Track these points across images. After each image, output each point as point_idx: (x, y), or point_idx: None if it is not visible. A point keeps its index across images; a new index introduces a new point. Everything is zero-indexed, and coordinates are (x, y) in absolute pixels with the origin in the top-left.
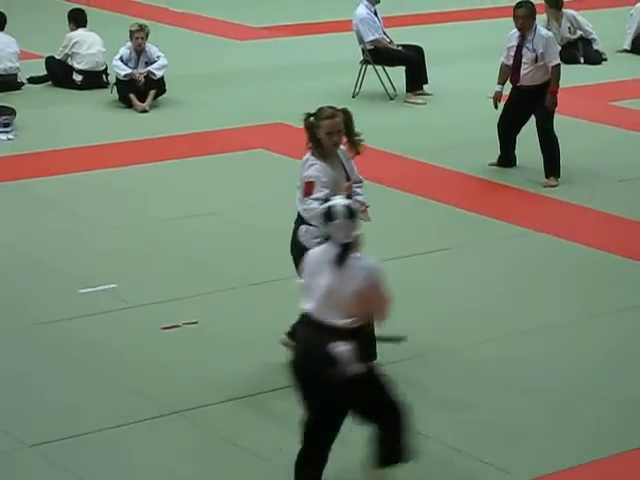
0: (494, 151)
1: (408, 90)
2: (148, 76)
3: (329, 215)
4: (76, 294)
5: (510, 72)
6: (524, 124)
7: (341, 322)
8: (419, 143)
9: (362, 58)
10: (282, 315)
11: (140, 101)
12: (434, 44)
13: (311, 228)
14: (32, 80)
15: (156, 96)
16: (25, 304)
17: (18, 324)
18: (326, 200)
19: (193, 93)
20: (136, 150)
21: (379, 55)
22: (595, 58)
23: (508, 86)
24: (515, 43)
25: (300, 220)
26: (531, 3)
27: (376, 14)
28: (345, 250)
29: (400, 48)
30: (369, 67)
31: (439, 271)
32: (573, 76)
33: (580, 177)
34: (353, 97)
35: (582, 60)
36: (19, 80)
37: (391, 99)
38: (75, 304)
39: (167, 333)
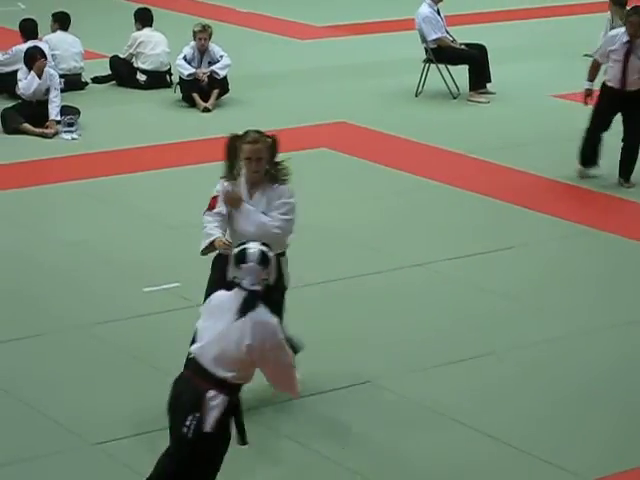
0: (559, 149)
1: (471, 89)
2: (211, 75)
3: (241, 257)
4: (141, 292)
5: (597, 71)
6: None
7: (221, 373)
8: (482, 142)
9: (425, 57)
10: (341, 314)
11: (203, 100)
12: (497, 42)
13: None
14: (96, 80)
15: (219, 95)
16: (91, 302)
17: (83, 322)
18: (242, 243)
19: (256, 92)
20: (199, 149)
21: (442, 54)
22: None
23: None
24: (620, 48)
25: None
26: None
27: (439, 13)
28: (251, 298)
29: (463, 47)
30: (432, 66)
31: (500, 270)
32: None
33: None
34: (416, 96)
35: None
36: (83, 80)
37: (454, 98)
38: (140, 302)
39: None
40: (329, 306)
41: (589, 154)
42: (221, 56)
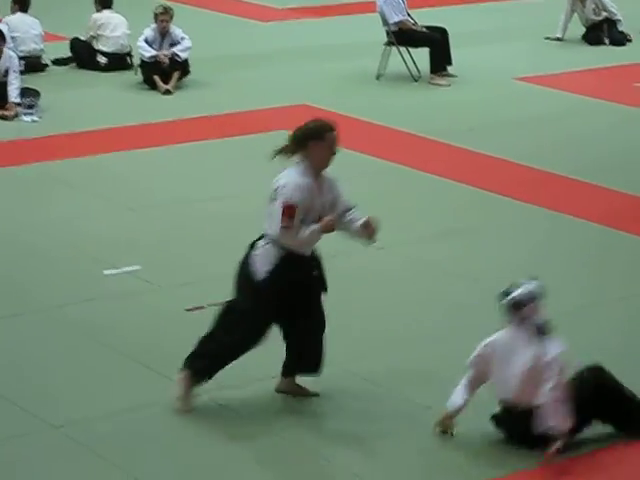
0: (518, 132)
1: (432, 72)
2: (172, 58)
3: (518, 304)
4: (101, 275)
5: None
6: None
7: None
8: (443, 124)
9: (386, 40)
10: None
11: (164, 83)
12: (458, 25)
13: (268, 246)
14: (57, 62)
15: (180, 78)
16: (50, 285)
17: (42, 306)
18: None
19: (217, 75)
20: (159, 132)
21: (403, 36)
22: (620, 39)
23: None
24: None
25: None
26: None
27: None
28: (541, 330)
29: (424, 29)
30: (393, 49)
31: (458, 252)
32: (598, 57)
33: (607, 159)
34: (377, 79)
35: (607, 41)
36: (43, 62)
37: (415, 81)
38: (99, 285)
39: (192, 314)
40: None
41: None
42: (182, 38)
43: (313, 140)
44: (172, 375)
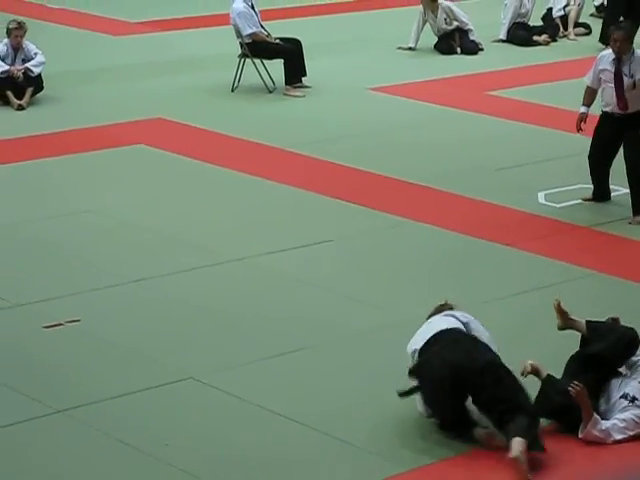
0: (373, 142)
1: (287, 83)
2: (25, 73)
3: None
4: None
5: (595, 97)
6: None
7: None
8: (298, 136)
9: (240, 52)
10: (162, 311)
11: (17, 98)
12: (312, 36)
13: None
14: None
15: (34, 93)
16: None
17: None
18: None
19: (71, 90)
20: (12, 148)
21: (257, 48)
22: (472, 48)
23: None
24: (609, 67)
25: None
26: (630, 24)
27: (253, 7)
28: None
29: (278, 41)
30: (247, 61)
31: (321, 263)
32: (450, 67)
33: (458, 166)
34: (232, 91)
35: (459, 50)
36: None
37: (270, 92)
38: None
39: (49, 332)
40: (148, 304)
41: (596, 187)
42: (35, 53)
43: None
44: (29, 391)
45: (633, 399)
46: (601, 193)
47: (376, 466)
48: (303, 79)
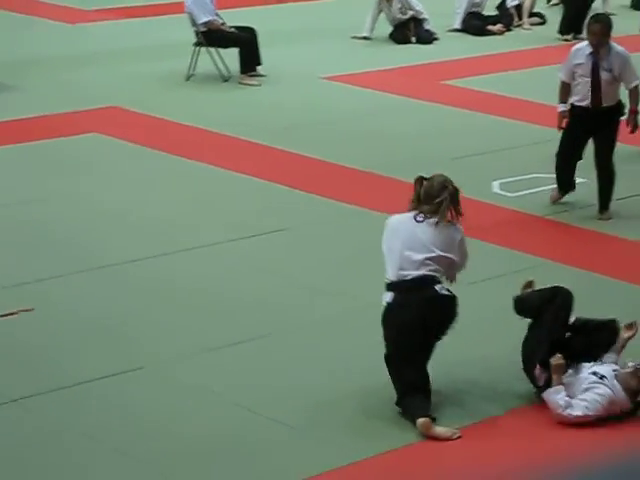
0: (327, 131)
1: (242, 72)
2: None
3: None
4: None
5: (569, 91)
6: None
7: None
8: (253, 125)
9: (195, 40)
10: (114, 299)
11: None
12: (267, 25)
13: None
14: None
15: None
16: None
17: None
18: None
19: (26, 78)
20: None
21: (212, 37)
22: (427, 37)
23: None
24: (584, 61)
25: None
26: (608, 17)
27: None
28: None
29: (233, 30)
30: (202, 49)
31: (277, 251)
32: (405, 56)
33: (413, 155)
34: (187, 80)
35: (414, 40)
36: None
37: (225, 81)
38: None
39: (3, 320)
40: (103, 292)
41: (563, 181)
42: None
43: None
44: None
45: (602, 377)
46: (566, 187)
47: (334, 454)
48: (258, 68)
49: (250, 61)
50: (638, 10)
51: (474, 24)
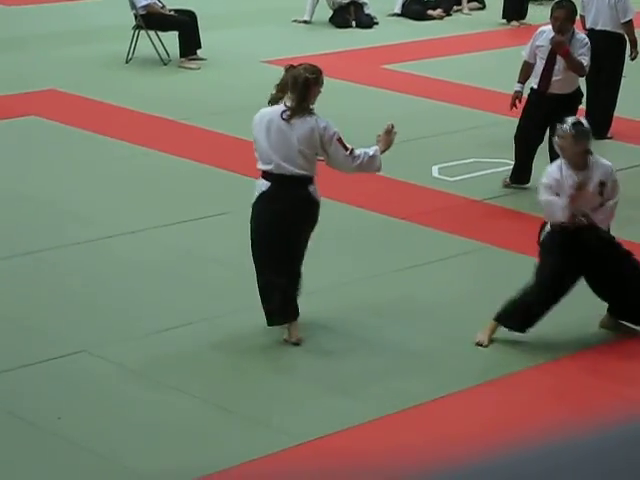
0: None
1: (182, 55)
2: None
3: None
4: None
5: (531, 73)
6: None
7: None
8: (193, 108)
9: (135, 23)
10: (54, 284)
11: None
12: (207, 8)
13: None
14: None
15: None
16: None
17: None
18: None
19: None
20: None
21: (152, 20)
22: (367, 22)
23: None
24: (545, 44)
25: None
26: (572, 3)
27: None
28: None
29: (173, 13)
30: (142, 32)
31: (215, 236)
32: (346, 40)
33: (353, 139)
34: (126, 63)
35: (354, 24)
36: None
37: (165, 64)
38: None
39: None
40: (39, 277)
41: (518, 168)
42: None
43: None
44: None
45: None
46: (522, 175)
47: (269, 438)
48: (198, 51)
49: (190, 44)
50: None
51: (414, 9)
